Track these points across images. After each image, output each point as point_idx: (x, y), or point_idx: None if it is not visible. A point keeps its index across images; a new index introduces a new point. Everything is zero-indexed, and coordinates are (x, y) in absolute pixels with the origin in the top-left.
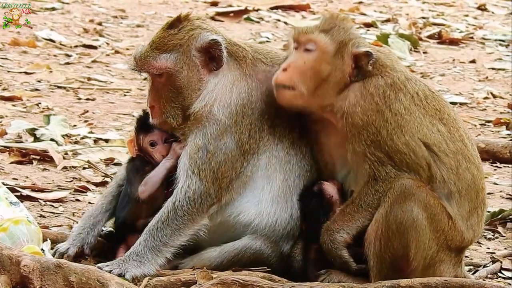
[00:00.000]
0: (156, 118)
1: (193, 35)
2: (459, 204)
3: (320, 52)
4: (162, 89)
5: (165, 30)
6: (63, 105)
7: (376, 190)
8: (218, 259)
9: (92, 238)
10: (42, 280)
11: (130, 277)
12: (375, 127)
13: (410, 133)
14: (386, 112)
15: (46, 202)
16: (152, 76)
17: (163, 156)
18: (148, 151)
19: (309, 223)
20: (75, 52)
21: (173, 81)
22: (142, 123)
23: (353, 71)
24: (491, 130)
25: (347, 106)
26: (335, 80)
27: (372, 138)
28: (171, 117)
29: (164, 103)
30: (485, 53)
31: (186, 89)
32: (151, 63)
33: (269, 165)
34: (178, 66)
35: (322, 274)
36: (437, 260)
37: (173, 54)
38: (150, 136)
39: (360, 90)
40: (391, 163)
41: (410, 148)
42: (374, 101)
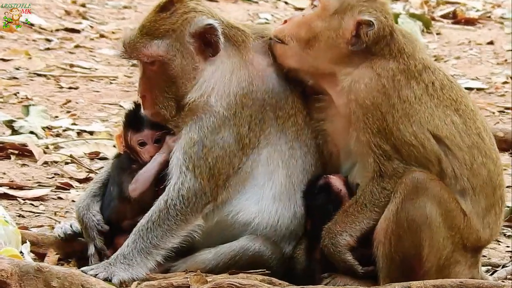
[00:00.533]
0: (148, 109)
1: (187, 19)
2: (474, 201)
3: (321, 8)
4: (154, 78)
5: (157, 13)
6: (43, 95)
7: (382, 187)
8: (213, 261)
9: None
10: (21, 285)
11: (118, 281)
12: (380, 111)
13: (418, 124)
14: (393, 97)
15: (25, 200)
16: (143, 64)
17: (151, 156)
18: (136, 151)
19: (315, 220)
20: (56, 37)
21: (165, 69)
22: (131, 119)
23: (352, 39)
24: (510, 117)
25: (350, 80)
26: (328, 40)
27: (378, 125)
28: (164, 108)
29: (156, 93)
30: (503, 33)
31: (180, 78)
32: (142, 50)
33: (271, 160)
34: (171, 53)
35: (326, 278)
36: (452, 261)
37: (165, 41)
38: (139, 136)
39: (366, 68)
40: (398, 157)
41: (418, 141)
42: (381, 83)
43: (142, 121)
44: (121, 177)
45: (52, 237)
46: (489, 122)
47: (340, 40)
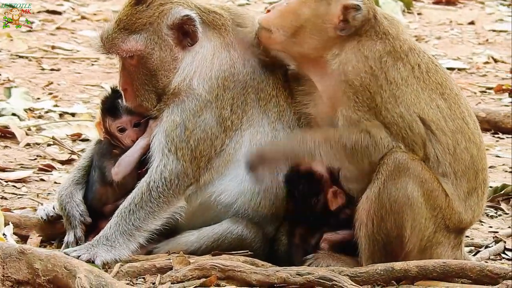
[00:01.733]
0: (130, 101)
1: (163, 11)
2: (456, 185)
3: None
4: (134, 72)
5: (133, 6)
6: (25, 77)
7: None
8: (196, 243)
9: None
10: (4, 267)
11: (101, 262)
12: (369, 91)
13: (405, 105)
14: (380, 78)
15: (7, 182)
16: (122, 58)
17: (132, 141)
18: (116, 137)
19: (296, 204)
20: (38, 19)
21: (145, 63)
22: (109, 106)
23: (339, 24)
24: (492, 97)
25: (339, 63)
26: (315, 27)
27: (368, 103)
28: (146, 100)
29: (137, 86)
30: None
31: (159, 70)
32: (120, 46)
33: (254, 142)
34: (150, 47)
35: (309, 259)
36: (434, 242)
37: (143, 34)
38: (118, 122)
39: (354, 51)
40: (387, 131)
41: (405, 122)
42: (368, 64)
43: (119, 107)
44: (103, 162)
45: (34, 219)
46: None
47: (327, 26)
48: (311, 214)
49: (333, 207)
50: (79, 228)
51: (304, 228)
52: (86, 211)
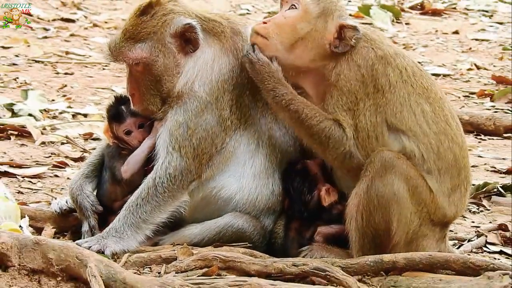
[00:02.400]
0: (137, 105)
1: (166, 21)
2: (440, 181)
3: (302, 11)
4: (140, 78)
5: (138, 16)
6: (41, 80)
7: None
8: (199, 236)
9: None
10: (20, 257)
11: (110, 253)
12: (355, 97)
13: (383, 115)
14: (369, 86)
15: (24, 178)
16: (129, 66)
17: (139, 142)
18: (124, 139)
19: (292, 200)
20: (53, 26)
21: (150, 69)
22: (113, 112)
23: (334, 41)
24: (475, 102)
25: (335, 74)
26: (313, 42)
27: (349, 105)
28: (151, 104)
29: (143, 91)
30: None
31: (163, 75)
32: (127, 54)
33: (252, 141)
34: (154, 54)
35: (304, 250)
36: (419, 235)
37: (147, 43)
38: (123, 126)
39: (347, 61)
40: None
41: (375, 133)
42: (360, 73)
43: (123, 112)
44: (113, 162)
45: (49, 212)
46: (455, 106)
47: (324, 42)
48: (306, 209)
49: (326, 203)
50: (92, 217)
51: (299, 223)
52: (97, 201)
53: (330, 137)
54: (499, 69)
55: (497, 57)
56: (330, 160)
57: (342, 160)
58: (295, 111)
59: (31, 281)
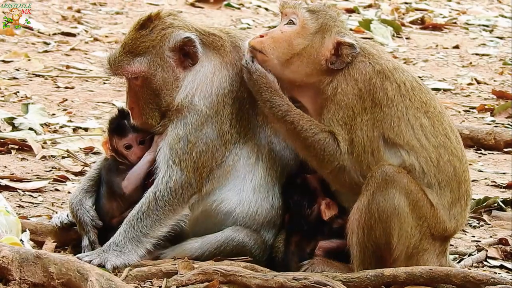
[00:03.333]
0: (136, 119)
1: (165, 35)
2: (440, 195)
3: (300, 26)
4: (139, 91)
5: (137, 30)
6: (41, 94)
7: (328, 143)
8: (199, 250)
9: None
10: (21, 271)
11: (111, 267)
12: (353, 111)
13: (380, 130)
14: (367, 101)
15: (25, 192)
16: (128, 80)
17: (138, 157)
18: (123, 154)
19: (292, 214)
20: (54, 40)
21: (148, 83)
22: (115, 125)
23: (331, 57)
24: (475, 116)
25: (332, 89)
26: (308, 57)
27: (345, 120)
28: (150, 117)
29: (142, 104)
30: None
31: (162, 89)
32: (126, 68)
33: (251, 154)
34: (153, 68)
35: (305, 265)
36: (420, 249)
37: (146, 57)
38: (124, 140)
39: (345, 76)
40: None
41: (371, 148)
42: (357, 87)
43: (125, 126)
44: (111, 176)
45: (50, 226)
46: (455, 121)
47: (320, 58)
48: (306, 223)
49: (326, 217)
50: (92, 232)
51: (299, 237)
52: (97, 216)
53: (325, 150)
54: (499, 84)
55: (498, 72)
56: (324, 174)
57: (336, 175)
58: (291, 122)
59: None
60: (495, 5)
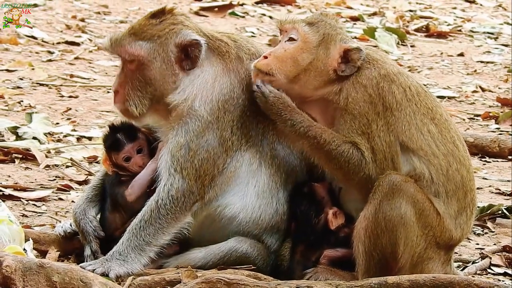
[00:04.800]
0: (118, 104)
1: (174, 30)
2: (447, 204)
3: (302, 41)
4: (131, 76)
5: (147, 18)
6: (45, 103)
7: (347, 150)
8: (203, 260)
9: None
10: (24, 280)
11: (114, 275)
12: (367, 118)
13: (395, 133)
14: (378, 105)
15: (28, 201)
16: (123, 61)
17: (140, 167)
18: (124, 167)
19: (298, 223)
20: (58, 49)
21: (143, 70)
22: (110, 141)
23: (339, 66)
24: (480, 124)
25: (341, 98)
26: (315, 70)
27: (363, 129)
28: (134, 105)
29: (128, 90)
30: (473, 46)
31: (157, 81)
32: (125, 48)
33: (253, 161)
34: (152, 56)
35: (309, 273)
36: (425, 258)
37: (149, 44)
38: (122, 153)
39: (353, 83)
40: (372, 157)
41: (391, 153)
42: (367, 93)
43: (119, 140)
44: (114, 190)
45: (53, 235)
46: (460, 128)
47: (328, 68)
48: (312, 232)
49: (333, 226)
50: (94, 242)
51: (305, 246)
52: (99, 226)
53: (349, 161)
54: (504, 91)
55: (502, 79)
56: (352, 186)
57: (363, 185)
58: (314, 137)
59: None
60: (500, 12)
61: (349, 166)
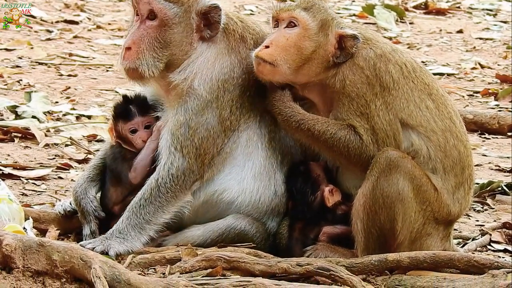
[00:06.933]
0: (127, 61)
1: None
2: (444, 179)
3: (303, 28)
4: (149, 34)
5: None
6: (44, 82)
7: (344, 135)
8: (201, 237)
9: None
10: (24, 259)
11: (114, 253)
12: (365, 99)
13: (394, 112)
14: (376, 86)
15: (28, 180)
16: (143, 17)
17: (143, 141)
18: (128, 138)
19: (295, 202)
20: (56, 28)
21: (164, 31)
22: (120, 110)
23: (336, 52)
24: (479, 101)
25: (338, 81)
26: (318, 58)
27: (361, 110)
28: (146, 65)
29: (143, 48)
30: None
31: (174, 46)
32: (153, 3)
33: (250, 142)
34: (175, 19)
35: (308, 250)
36: (423, 234)
37: (175, 7)
38: (130, 124)
39: (350, 66)
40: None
41: (392, 131)
42: (364, 75)
43: (131, 111)
44: (116, 165)
45: (53, 214)
46: (459, 105)
47: (328, 54)
48: (309, 210)
49: (329, 203)
50: (93, 222)
51: (303, 223)
52: (99, 206)
53: (349, 146)
54: (503, 68)
55: (501, 56)
56: (357, 169)
57: (367, 167)
58: (308, 130)
59: (35, 283)
60: None
61: (349, 151)
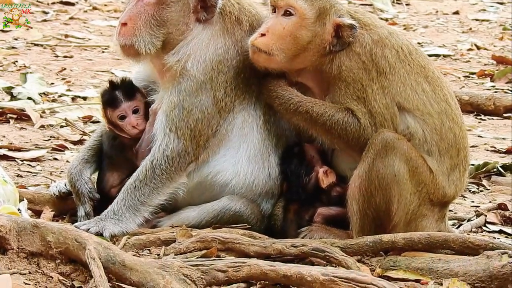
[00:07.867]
0: (124, 37)
1: None
2: (439, 161)
3: (299, 17)
4: (146, 11)
5: None
6: (40, 63)
7: (342, 118)
8: (196, 218)
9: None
10: (19, 240)
11: (109, 235)
12: (361, 84)
13: (391, 96)
14: (372, 72)
15: (23, 161)
16: None
17: (133, 127)
18: (118, 125)
19: (290, 183)
20: (52, 9)
21: (161, 8)
22: (107, 97)
23: (332, 40)
24: (475, 82)
25: (335, 67)
26: (315, 47)
27: (358, 94)
28: (142, 42)
29: (140, 25)
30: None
31: (171, 24)
32: None
33: (245, 124)
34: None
35: (303, 231)
36: (419, 215)
37: None
38: (118, 111)
39: (346, 51)
40: (371, 121)
41: (389, 114)
42: (361, 60)
43: (117, 97)
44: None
45: (47, 195)
46: (455, 86)
47: (324, 43)
48: (304, 192)
49: (324, 184)
50: (88, 204)
51: (298, 204)
52: (94, 188)
53: (347, 128)
54: (499, 49)
55: (497, 37)
56: (356, 152)
57: None
58: (306, 112)
59: (30, 264)
60: None
61: (347, 133)
